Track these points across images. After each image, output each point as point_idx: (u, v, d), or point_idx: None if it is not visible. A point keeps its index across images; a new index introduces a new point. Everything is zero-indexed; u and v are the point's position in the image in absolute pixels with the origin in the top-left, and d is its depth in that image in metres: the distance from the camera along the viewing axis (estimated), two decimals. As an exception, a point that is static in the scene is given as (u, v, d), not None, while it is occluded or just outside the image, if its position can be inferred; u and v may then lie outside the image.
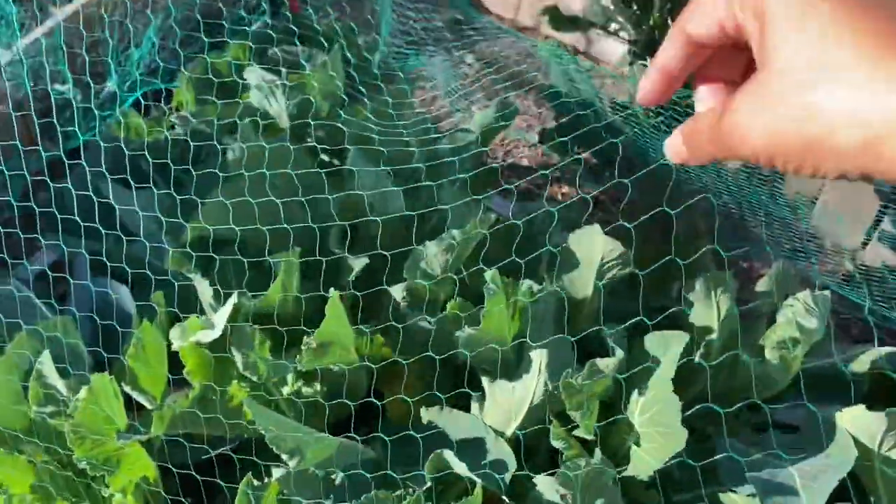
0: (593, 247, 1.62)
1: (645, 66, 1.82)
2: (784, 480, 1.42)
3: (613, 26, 1.93)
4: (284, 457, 1.35)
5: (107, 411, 1.40)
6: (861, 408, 1.47)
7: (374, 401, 1.54)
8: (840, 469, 1.40)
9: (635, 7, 1.79)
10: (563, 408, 1.49)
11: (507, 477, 1.42)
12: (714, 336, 1.67)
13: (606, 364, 1.45)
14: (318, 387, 1.59)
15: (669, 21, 1.81)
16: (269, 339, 1.55)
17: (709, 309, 1.68)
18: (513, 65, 2.79)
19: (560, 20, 2.03)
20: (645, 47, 1.80)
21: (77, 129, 1.98)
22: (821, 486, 1.39)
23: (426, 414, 1.57)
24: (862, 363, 1.73)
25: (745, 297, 1.92)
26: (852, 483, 1.45)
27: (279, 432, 1.35)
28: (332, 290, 1.44)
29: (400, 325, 1.56)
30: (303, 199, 1.64)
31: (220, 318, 1.47)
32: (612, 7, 1.86)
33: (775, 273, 1.82)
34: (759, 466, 1.45)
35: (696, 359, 1.59)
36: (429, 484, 1.38)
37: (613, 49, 2.43)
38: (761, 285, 1.87)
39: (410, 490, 1.38)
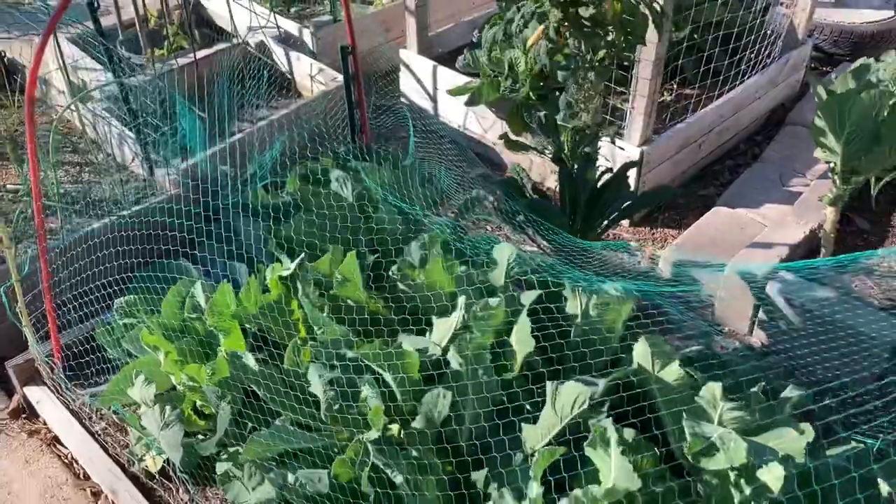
0: (504, 254, 2.83)
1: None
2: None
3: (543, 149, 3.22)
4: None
5: (228, 302, 2.65)
6: (642, 341, 2.54)
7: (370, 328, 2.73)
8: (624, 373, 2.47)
9: (549, 135, 3.10)
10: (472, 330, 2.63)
11: (434, 356, 2.55)
12: (578, 320, 2.79)
13: (495, 302, 2.61)
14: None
15: (566, 145, 3.09)
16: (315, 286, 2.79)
17: (575, 300, 2.82)
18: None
19: (512, 145, 3.33)
20: (554, 159, 3.09)
21: (230, 194, 3.40)
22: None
23: (400, 337, 2.73)
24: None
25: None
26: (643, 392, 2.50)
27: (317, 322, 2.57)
28: (352, 252, 2.70)
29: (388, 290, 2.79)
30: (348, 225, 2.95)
31: (293, 265, 2.74)
32: (541, 137, 3.16)
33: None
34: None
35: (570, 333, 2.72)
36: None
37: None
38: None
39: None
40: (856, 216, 4.13)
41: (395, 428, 2.58)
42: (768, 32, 4.60)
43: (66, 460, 3.04)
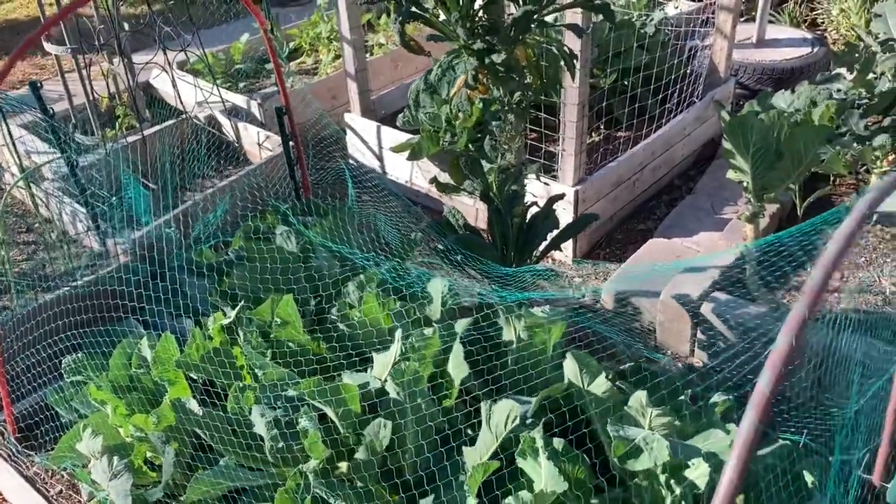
0: (438, 287, 2.95)
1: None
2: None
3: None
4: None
5: (172, 352, 2.74)
6: (570, 357, 2.65)
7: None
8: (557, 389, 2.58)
9: (478, 176, 3.27)
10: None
11: (374, 388, 2.64)
12: (514, 346, 2.91)
13: (430, 332, 2.72)
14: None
15: (493, 184, 3.27)
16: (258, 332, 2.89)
17: (509, 328, 2.94)
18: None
19: (442, 187, 3.50)
20: (481, 197, 3.25)
21: (178, 257, 3.52)
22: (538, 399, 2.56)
23: (344, 375, 2.82)
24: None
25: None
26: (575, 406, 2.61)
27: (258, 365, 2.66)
28: (288, 295, 2.81)
29: (328, 329, 2.89)
30: (288, 274, 3.07)
31: (233, 313, 2.84)
32: (472, 180, 3.34)
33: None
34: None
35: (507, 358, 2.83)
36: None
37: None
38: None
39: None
40: (785, 237, 4.32)
41: (343, 465, 2.65)
42: (688, 73, 4.87)
43: (22, 528, 3.06)
